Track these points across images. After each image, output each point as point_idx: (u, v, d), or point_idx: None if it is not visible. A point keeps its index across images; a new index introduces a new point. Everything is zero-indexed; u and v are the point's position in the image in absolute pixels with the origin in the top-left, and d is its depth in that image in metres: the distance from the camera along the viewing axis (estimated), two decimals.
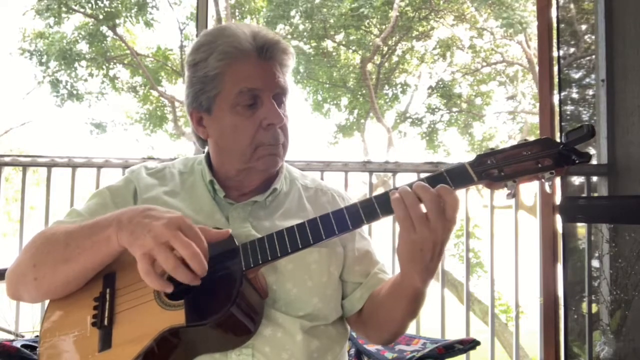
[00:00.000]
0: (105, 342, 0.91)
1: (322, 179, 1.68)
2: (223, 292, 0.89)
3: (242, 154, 1.06)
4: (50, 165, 2.42)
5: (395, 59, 10.33)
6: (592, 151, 2.47)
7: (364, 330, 1.14)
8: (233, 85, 1.03)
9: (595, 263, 2.39)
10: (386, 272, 1.13)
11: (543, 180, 0.88)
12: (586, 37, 2.77)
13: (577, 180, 2.52)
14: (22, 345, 1.18)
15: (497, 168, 0.88)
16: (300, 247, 0.92)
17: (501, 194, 0.93)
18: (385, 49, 9.98)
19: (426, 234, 0.85)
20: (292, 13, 9.66)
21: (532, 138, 0.91)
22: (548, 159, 0.86)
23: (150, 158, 2.49)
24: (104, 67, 10.07)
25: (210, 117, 1.08)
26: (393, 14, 9.28)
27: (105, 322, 0.93)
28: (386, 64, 10.24)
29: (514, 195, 0.89)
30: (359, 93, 10.24)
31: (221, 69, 1.04)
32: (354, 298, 1.10)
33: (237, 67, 1.03)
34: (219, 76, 1.04)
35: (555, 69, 2.42)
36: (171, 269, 0.84)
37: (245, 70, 1.03)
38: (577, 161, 0.86)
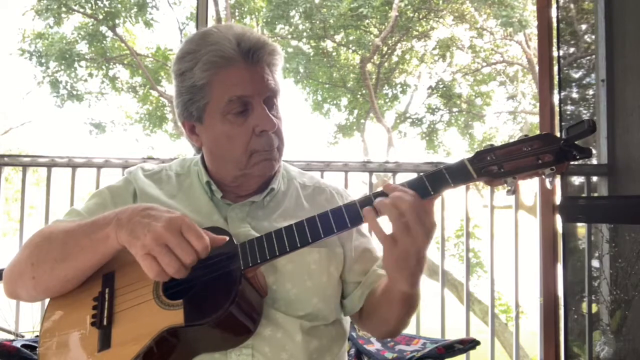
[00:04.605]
0: (105, 342, 0.91)
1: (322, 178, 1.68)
2: (222, 292, 0.89)
3: (237, 162, 1.05)
4: (50, 165, 2.42)
5: (395, 59, 10.33)
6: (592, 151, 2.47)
7: (366, 327, 1.14)
8: (222, 94, 1.01)
9: (595, 263, 2.38)
10: None
11: (543, 176, 0.86)
12: (586, 37, 2.77)
13: (577, 180, 2.52)
14: (22, 345, 1.18)
15: (496, 164, 0.87)
16: (298, 245, 0.92)
17: (501, 194, 0.93)
18: (385, 49, 9.98)
19: (408, 245, 0.85)
20: (292, 13, 9.66)
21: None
22: (549, 155, 0.85)
23: (150, 158, 2.48)
24: (103, 67, 10.09)
25: (202, 126, 1.07)
26: (392, 14, 9.28)
27: (105, 322, 0.93)
28: (386, 64, 10.24)
29: (514, 191, 0.88)
30: (359, 93, 10.24)
31: (208, 78, 1.01)
32: (355, 297, 1.10)
33: (223, 75, 1.01)
34: (207, 86, 1.02)
35: (555, 68, 2.42)
36: (174, 272, 0.85)
37: (233, 77, 1.01)
38: (578, 157, 0.84)
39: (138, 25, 9.78)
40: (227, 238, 0.92)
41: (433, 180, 0.88)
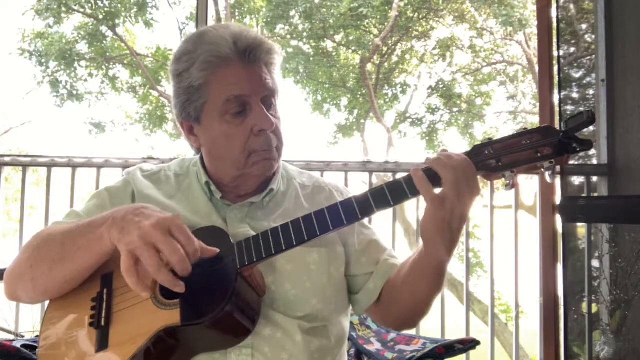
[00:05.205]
0: (103, 343, 0.91)
1: None
2: (218, 291, 0.88)
3: (236, 162, 1.04)
4: (50, 165, 2.42)
5: (395, 59, 10.33)
6: (592, 151, 2.47)
7: (385, 318, 1.13)
8: (219, 93, 1.01)
9: (595, 263, 2.38)
10: (396, 257, 1.12)
11: (542, 169, 0.86)
12: (586, 37, 2.77)
13: (577, 180, 2.52)
14: (22, 345, 1.18)
15: (494, 158, 0.87)
16: (294, 243, 0.91)
17: (501, 194, 0.93)
18: (385, 49, 9.98)
19: (455, 205, 0.86)
20: (292, 13, 9.65)
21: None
22: (548, 148, 0.85)
23: (150, 158, 2.48)
24: (103, 67, 10.09)
25: (201, 126, 1.06)
26: (392, 13, 9.28)
27: (103, 322, 0.93)
28: (386, 64, 10.24)
29: (512, 186, 0.88)
30: (359, 93, 10.24)
31: (205, 78, 1.01)
32: (368, 290, 1.09)
33: (220, 75, 1.00)
34: (204, 86, 1.01)
35: (555, 68, 2.42)
36: (154, 271, 0.83)
37: (230, 77, 1.00)
38: (578, 149, 0.83)
39: (138, 25, 9.79)
40: (218, 250, 0.91)
41: (430, 176, 0.89)
